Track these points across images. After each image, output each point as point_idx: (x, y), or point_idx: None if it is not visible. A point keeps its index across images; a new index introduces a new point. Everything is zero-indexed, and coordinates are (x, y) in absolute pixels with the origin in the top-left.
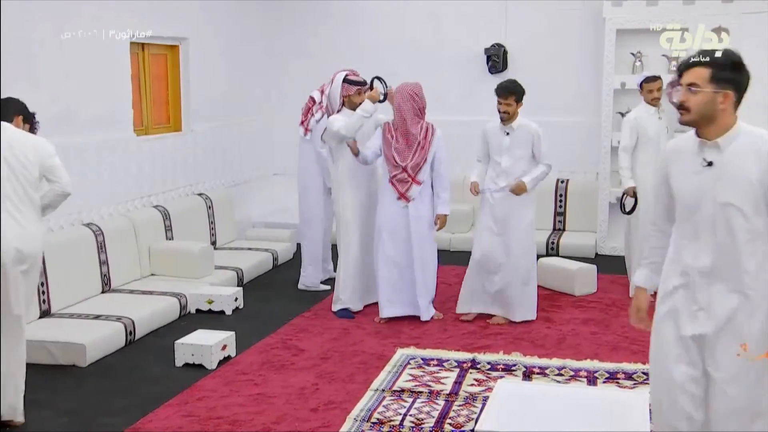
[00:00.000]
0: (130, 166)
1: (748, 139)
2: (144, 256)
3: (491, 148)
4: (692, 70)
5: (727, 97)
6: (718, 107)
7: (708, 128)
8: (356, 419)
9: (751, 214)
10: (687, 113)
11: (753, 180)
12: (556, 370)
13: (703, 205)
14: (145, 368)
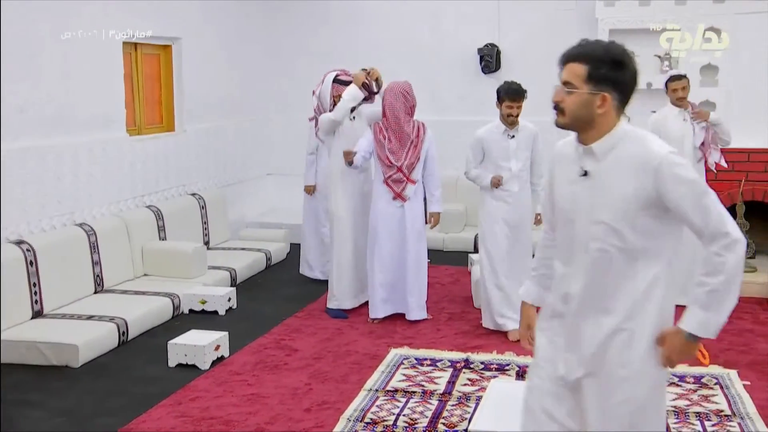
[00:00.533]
0: (123, 166)
1: (633, 147)
2: (137, 257)
3: (493, 155)
4: (569, 66)
5: (606, 100)
6: (595, 110)
7: (587, 133)
8: (350, 419)
9: (629, 233)
10: (561, 116)
11: (629, 194)
12: None
13: (577, 221)
14: (138, 369)
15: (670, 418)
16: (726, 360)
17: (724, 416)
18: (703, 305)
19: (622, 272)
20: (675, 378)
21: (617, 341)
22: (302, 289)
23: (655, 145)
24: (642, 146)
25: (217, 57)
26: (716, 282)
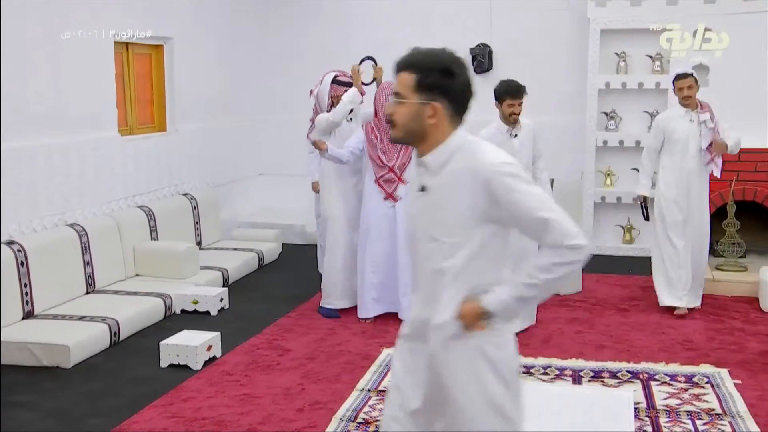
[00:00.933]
0: (115, 166)
1: (466, 159)
2: (129, 257)
3: None
4: (399, 76)
5: (436, 110)
6: (426, 121)
7: (422, 146)
8: (342, 419)
9: (465, 254)
10: (394, 128)
11: (464, 210)
12: (541, 369)
13: (418, 239)
14: (130, 369)
15: (661, 417)
16: (717, 359)
17: (715, 415)
18: (514, 291)
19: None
20: (666, 377)
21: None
22: (294, 290)
23: (488, 155)
24: (474, 158)
25: (209, 57)
26: (542, 279)
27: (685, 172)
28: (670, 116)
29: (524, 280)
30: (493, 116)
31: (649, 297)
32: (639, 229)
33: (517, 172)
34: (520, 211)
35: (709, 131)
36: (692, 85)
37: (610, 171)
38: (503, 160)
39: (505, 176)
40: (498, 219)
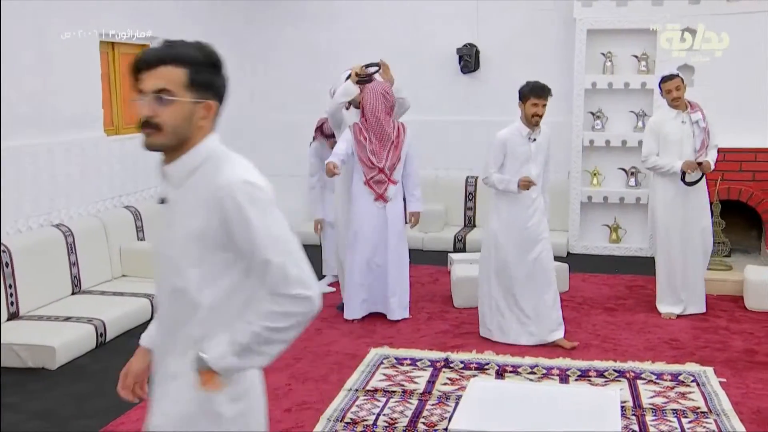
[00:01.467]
0: (101, 166)
1: (210, 171)
2: (115, 257)
3: (513, 159)
4: (160, 71)
5: (210, 109)
6: (196, 123)
7: (173, 153)
8: (330, 419)
9: (197, 282)
10: (158, 134)
11: (195, 231)
12: (528, 369)
13: (157, 253)
14: (116, 370)
15: (648, 415)
16: (702, 357)
17: (701, 413)
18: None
19: (187, 326)
20: (653, 376)
21: None
22: None
23: (234, 170)
24: (217, 171)
25: None
26: (260, 326)
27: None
28: (662, 119)
29: (243, 326)
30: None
31: (636, 296)
32: (625, 229)
33: (260, 197)
34: (245, 244)
35: (701, 131)
36: (680, 86)
37: (596, 171)
38: (248, 180)
39: (244, 199)
40: (230, 248)
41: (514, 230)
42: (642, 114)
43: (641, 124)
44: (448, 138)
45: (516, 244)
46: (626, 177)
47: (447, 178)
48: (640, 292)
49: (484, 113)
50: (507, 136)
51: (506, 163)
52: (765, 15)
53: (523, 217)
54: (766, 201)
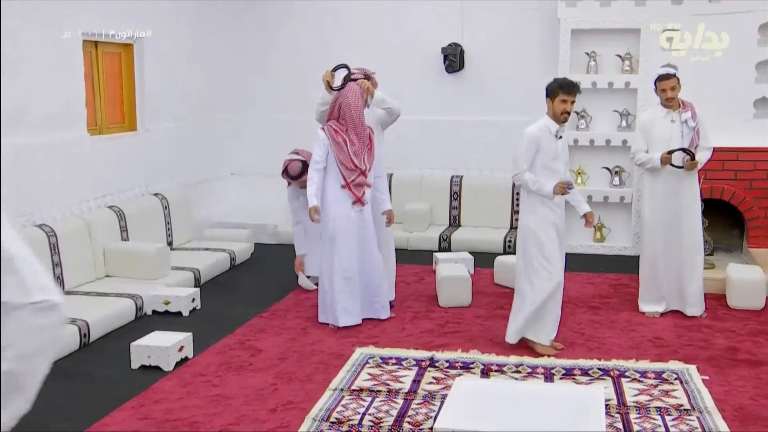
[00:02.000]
0: (84, 166)
1: None
2: (99, 258)
3: (543, 155)
4: None
5: None
6: None
7: None
8: (315, 419)
9: None
10: None
11: None
12: (513, 367)
13: None
14: (100, 371)
15: (632, 413)
16: (685, 355)
17: (684, 411)
18: None
19: None
20: (637, 374)
21: None
22: (267, 290)
23: None
24: None
25: (180, 55)
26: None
27: (670, 173)
28: (653, 117)
29: None
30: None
31: (620, 295)
32: (609, 228)
33: None
34: None
35: (691, 130)
36: (675, 86)
37: (581, 170)
38: None
39: None
40: None
41: (551, 227)
42: (626, 113)
43: (625, 123)
44: (433, 137)
45: (555, 240)
46: (610, 176)
47: (432, 178)
48: (624, 291)
49: (469, 113)
50: (538, 132)
51: (536, 160)
52: (747, 15)
53: (556, 212)
54: (747, 200)
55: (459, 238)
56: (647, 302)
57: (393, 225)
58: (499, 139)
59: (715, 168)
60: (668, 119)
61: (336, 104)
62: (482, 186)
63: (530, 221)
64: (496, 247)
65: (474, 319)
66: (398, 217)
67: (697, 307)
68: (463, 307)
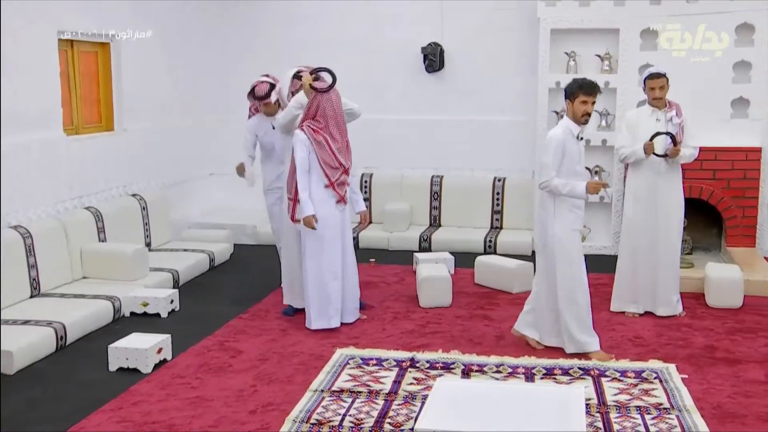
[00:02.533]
0: (60, 166)
1: None
2: (75, 259)
3: (568, 159)
4: None
5: None
6: None
7: None
8: (295, 420)
9: None
10: None
11: None
12: (494, 368)
13: None
14: (77, 374)
15: (612, 412)
16: (665, 354)
17: (663, 409)
18: None
19: None
20: (617, 373)
21: None
22: (246, 291)
23: None
24: None
25: (158, 55)
26: None
27: (653, 172)
28: (639, 115)
29: None
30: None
31: (600, 294)
32: (589, 228)
33: None
34: None
35: (675, 126)
36: (663, 86)
37: None
38: None
39: None
40: None
41: (576, 234)
42: (606, 113)
43: (605, 123)
44: (414, 137)
45: (579, 249)
46: (590, 176)
47: (412, 178)
48: (604, 291)
49: (449, 112)
50: (562, 135)
51: (563, 164)
52: (724, 16)
53: (580, 216)
54: (725, 199)
55: (439, 238)
56: (620, 301)
57: (372, 225)
58: (480, 138)
59: (694, 168)
60: (653, 118)
61: (314, 103)
62: (463, 186)
63: (557, 229)
64: (476, 247)
65: (454, 320)
66: (378, 217)
67: (670, 306)
68: (444, 307)
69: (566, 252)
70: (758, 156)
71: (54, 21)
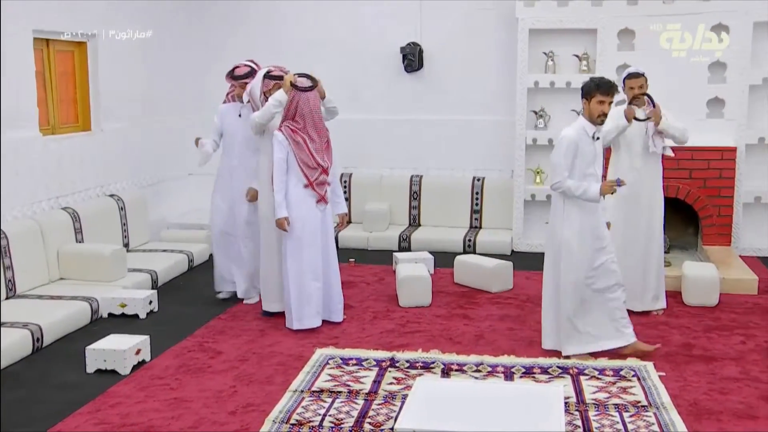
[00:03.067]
0: (36, 166)
1: None
2: (52, 260)
3: (581, 159)
4: None
5: None
6: None
7: None
8: (275, 421)
9: None
10: None
11: None
12: (474, 367)
13: None
14: (54, 376)
15: (590, 410)
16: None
17: (641, 407)
18: None
19: None
20: (595, 372)
21: None
22: None
23: None
24: None
25: (135, 54)
26: None
27: (633, 170)
28: (619, 112)
29: None
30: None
31: None
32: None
33: None
34: None
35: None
36: (643, 85)
37: (539, 169)
38: None
39: None
40: None
41: (587, 237)
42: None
43: None
44: (393, 137)
45: (586, 253)
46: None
47: (391, 177)
48: None
49: (429, 112)
50: (575, 136)
51: (575, 166)
52: (700, 16)
53: (596, 216)
54: (702, 198)
55: (419, 238)
56: None
57: (352, 225)
58: (459, 138)
59: (670, 167)
60: None
61: (293, 103)
62: (442, 185)
63: (566, 231)
64: (455, 246)
65: (434, 319)
66: (357, 217)
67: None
68: (424, 307)
69: (572, 255)
70: (733, 155)
71: (29, 20)
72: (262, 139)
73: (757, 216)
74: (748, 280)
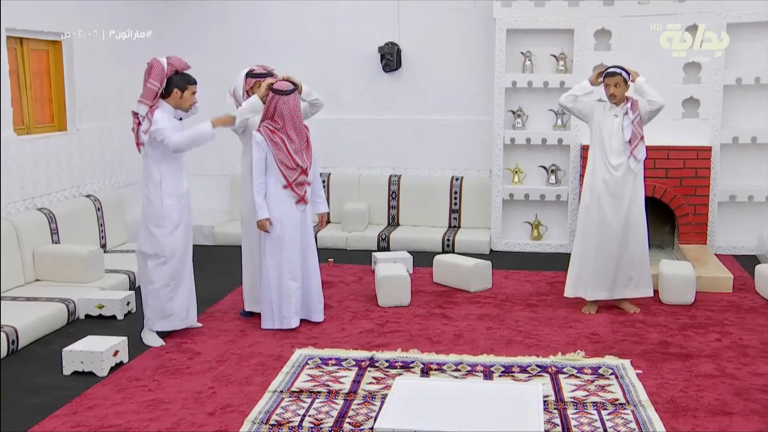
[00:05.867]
0: (11, 166)
1: None
2: (28, 261)
3: (597, 130)
4: None
5: None
6: None
7: None
8: (254, 422)
9: None
10: None
11: None
12: (453, 366)
13: None
14: (29, 378)
15: (569, 408)
16: (620, 350)
17: (619, 405)
18: None
19: None
20: (574, 370)
21: None
22: (203, 292)
23: None
24: None
25: (111, 53)
26: None
27: (611, 168)
28: (602, 107)
29: None
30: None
31: (557, 292)
32: (546, 226)
33: None
34: None
35: (630, 123)
36: (619, 83)
37: (518, 169)
38: None
39: None
40: None
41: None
42: (561, 112)
43: (560, 122)
44: (371, 137)
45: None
46: (546, 174)
47: (370, 177)
48: (561, 288)
49: (407, 112)
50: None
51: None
52: (675, 17)
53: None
54: (678, 197)
55: (398, 238)
56: (573, 285)
57: (330, 225)
58: (437, 138)
59: (647, 166)
60: (611, 113)
61: (272, 104)
62: (420, 185)
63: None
64: (434, 246)
65: (413, 319)
66: (336, 217)
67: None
68: (403, 306)
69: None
70: (708, 155)
71: (2, 17)
72: (243, 138)
73: (732, 214)
74: (723, 278)
